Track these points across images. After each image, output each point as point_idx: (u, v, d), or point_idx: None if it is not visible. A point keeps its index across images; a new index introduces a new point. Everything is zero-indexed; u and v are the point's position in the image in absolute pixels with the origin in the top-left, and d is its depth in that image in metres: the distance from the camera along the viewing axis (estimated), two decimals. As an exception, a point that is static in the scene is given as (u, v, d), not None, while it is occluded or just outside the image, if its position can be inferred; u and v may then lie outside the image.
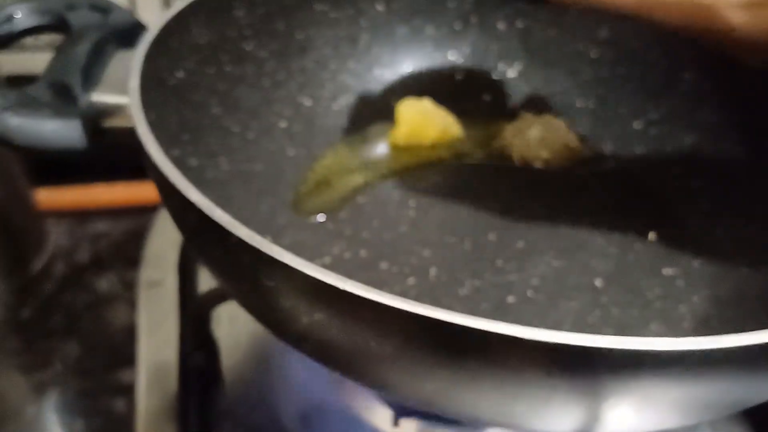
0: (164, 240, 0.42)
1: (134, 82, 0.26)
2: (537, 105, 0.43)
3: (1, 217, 0.45)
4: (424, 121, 0.39)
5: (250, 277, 0.21)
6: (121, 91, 0.28)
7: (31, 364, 0.42)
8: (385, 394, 0.24)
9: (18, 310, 0.45)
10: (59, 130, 0.26)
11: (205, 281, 0.40)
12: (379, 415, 0.32)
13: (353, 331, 0.20)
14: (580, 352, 0.19)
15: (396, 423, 0.31)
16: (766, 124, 0.37)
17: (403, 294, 0.31)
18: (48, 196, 0.52)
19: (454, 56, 0.43)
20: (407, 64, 0.43)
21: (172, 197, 0.22)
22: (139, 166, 0.25)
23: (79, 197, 0.54)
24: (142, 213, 0.52)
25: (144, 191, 0.54)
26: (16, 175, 0.46)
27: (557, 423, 0.23)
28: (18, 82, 0.28)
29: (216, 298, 0.35)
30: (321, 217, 0.35)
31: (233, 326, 0.36)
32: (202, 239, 0.23)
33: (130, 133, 0.25)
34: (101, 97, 0.29)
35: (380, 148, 0.40)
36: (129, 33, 0.32)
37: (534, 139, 0.41)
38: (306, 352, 0.23)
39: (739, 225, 0.36)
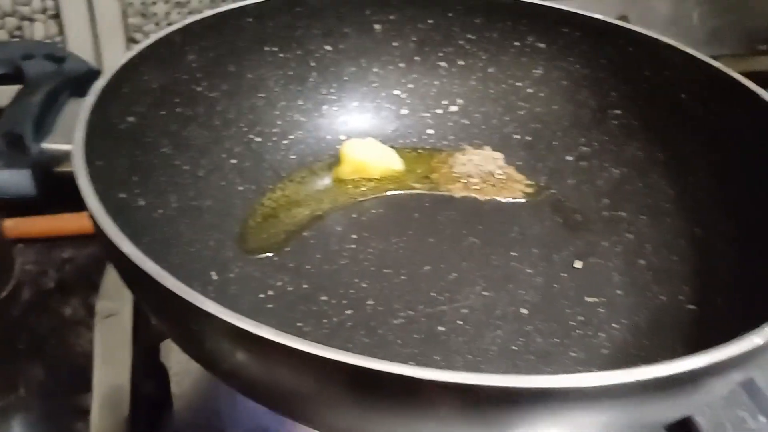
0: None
1: (78, 134, 0.28)
2: (477, 139, 0.45)
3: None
4: (367, 159, 0.42)
5: (180, 321, 0.23)
6: (71, 139, 0.29)
7: (-3, 386, 0.44)
8: (308, 426, 0.26)
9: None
10: (10, 180, 0.28)
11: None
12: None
13: (272, 371, 0.22)
14: (474, 390, 0.21)
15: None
16: (690, 161, 0.40)
17: (340, 325, 0.34)
18: (15, 225, 0.53)
19: (398, 93, 0.46)
20: (354, 100, 0.45)
21: (107, 247, 0.24)
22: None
23: (46, 226, 0.55)
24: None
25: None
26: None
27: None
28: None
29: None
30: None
31: (183, 355, 0.38)
32: (136, 286, 0.25)
33: (78, 180, 0.27)
34: (53, 145, 0.31)
35: (326, 182, 0.42)
36: (84, 80, 0.35)
37: (473, 171, 0.43)
38: (234, 388, 0.25)
39: (660, 256, 0.38)
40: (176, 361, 0.38)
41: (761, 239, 0.33)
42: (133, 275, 0.23)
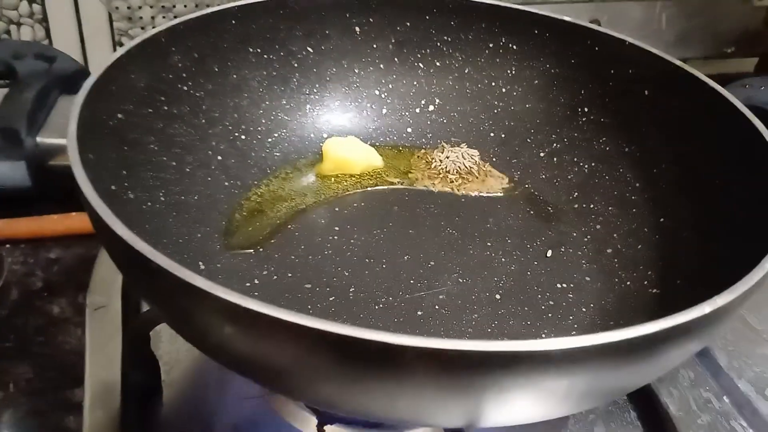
0: (110, 267, 0.45)
1: (72, 127, 0.29)
2: (454, 136, 0.47)
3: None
4: (347, 156, 0.44)
5: (171, 299, 0.25)
6: (64, 133, 0.31)
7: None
8: (292, 397, 0.28)
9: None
10: (6, 172, 0.29)
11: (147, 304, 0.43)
12: (306, 422, 0.36)
13: (259, 343, 0.24)
14: (456, 355, 0.22)
15: (320, 429, 0.35)
16: (654, 154, 0.42)
17: (323, 311, 0.35)
18: (3, 226, 0.54)
19: (379, 93, 0.48)
20: (336, 100, 0.47)
21: (102, 230, 0.25)
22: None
23: (33, 227, 0.56)
24: (93, 240, 0.54)
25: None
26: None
27: (451, 418, 0.26)
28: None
29: (154, 318, 0.38)
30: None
31: (173, 345, 0.39)
32: (130, 267, 0.26)
33: (72, 170, 0.29)
34: (45, 139, 0.32)
35: (310, 178, 0.44)
36: (73, 79, 0.36)
37: (450, 167, 0.45)
38: (223, 364, 0.27)
39: (627, 245, 0.40)
40: (165, 351, 0.39)
41: (717, 224, 0.35)
42: (126, 256, 0.25)
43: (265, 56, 0.44)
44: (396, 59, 0.48)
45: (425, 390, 0.24)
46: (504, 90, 0.47)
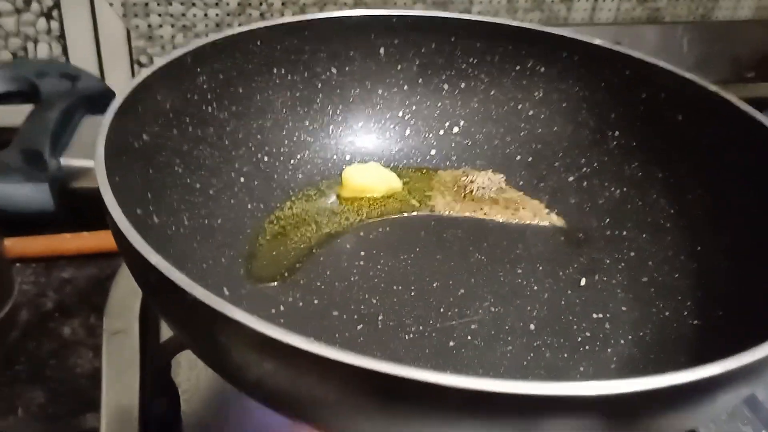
0: (127, 289, 0.44)
1: (100, 149, 0.28)
2: (479, 159, 0.46)
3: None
4: (368, 182, 0.43)
5: (206, 332, 0.24)
6: (88, 155, 0.30)
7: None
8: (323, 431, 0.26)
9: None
10: (29, 195, 0.29)
11: (167, 330, 0.42)
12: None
13: (299, 380, 0.23)
14: (489, 396, 0.21)
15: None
16: (687, 179, 0.41)
17: (352, 340, 0.34)
18: (15, 245, 0.53)
19: (402, 114, 0.47)
20: (360, 121, 0.46)
21: (133, 259, 0.24)
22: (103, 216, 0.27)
23: (45, 245, 0.55)
24: (106, 260, 0.53)
25: (108, 239, 0.55)
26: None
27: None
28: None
29: (177, 345, 0.37)
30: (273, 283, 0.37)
31: (192, 372, 0.38)
32: (162, 298, 0.25)
33: (97, 193, 0.28)
34: (70, 160, 0.31)
35: (333, 201, 0.43)
36: (97, 98, 0.35)
37: (476, 191, 0.44)
38: (258, 399, 0.25)
39: (662, 273, 0.39)
40: (185, 378, 0.38)
41: (756, 251, 0.34)
42: (159, 286, 0.24)
43: (289, 77, 0.44)
44: (420, 81, 0.47)
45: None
46: (531, 113, 0.46)
